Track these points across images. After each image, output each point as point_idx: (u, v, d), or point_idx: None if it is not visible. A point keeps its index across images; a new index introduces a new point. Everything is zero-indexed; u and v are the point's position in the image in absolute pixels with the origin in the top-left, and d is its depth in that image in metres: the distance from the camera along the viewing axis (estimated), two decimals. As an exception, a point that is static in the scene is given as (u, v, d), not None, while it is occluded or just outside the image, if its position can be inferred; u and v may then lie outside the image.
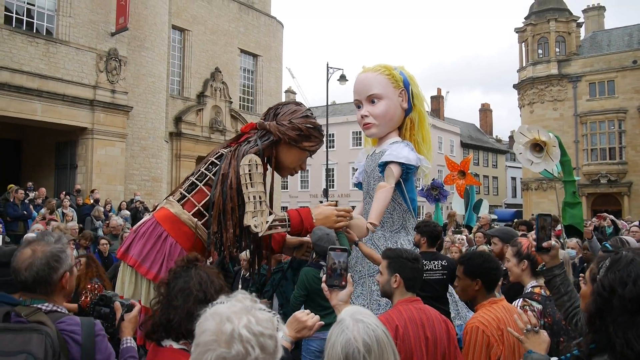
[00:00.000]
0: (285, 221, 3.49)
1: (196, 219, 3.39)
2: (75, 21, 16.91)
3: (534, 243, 2.82)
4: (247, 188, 3.36)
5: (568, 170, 7.68)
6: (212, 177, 3.47)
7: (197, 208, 3.42)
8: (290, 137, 3.61)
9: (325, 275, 2.20)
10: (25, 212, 11.95)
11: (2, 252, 3.17)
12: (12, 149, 19.74)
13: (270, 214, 3.48)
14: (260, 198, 3.39)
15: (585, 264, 6.59)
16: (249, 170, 3.38)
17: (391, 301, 2.95)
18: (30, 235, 7.09)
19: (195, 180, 3.53)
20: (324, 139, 3.83)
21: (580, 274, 5.04)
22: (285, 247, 3.90)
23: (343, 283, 2.15)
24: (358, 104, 4.79)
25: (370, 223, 4.16)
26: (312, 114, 3.81)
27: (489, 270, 3.03)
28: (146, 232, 3.34)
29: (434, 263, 4.55)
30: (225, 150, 3.57)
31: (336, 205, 3.82)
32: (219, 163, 3.50)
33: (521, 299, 3.27)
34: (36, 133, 18.11)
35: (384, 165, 4.43)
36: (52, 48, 16.37)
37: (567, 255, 4.53)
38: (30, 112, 15.79)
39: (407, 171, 4.42)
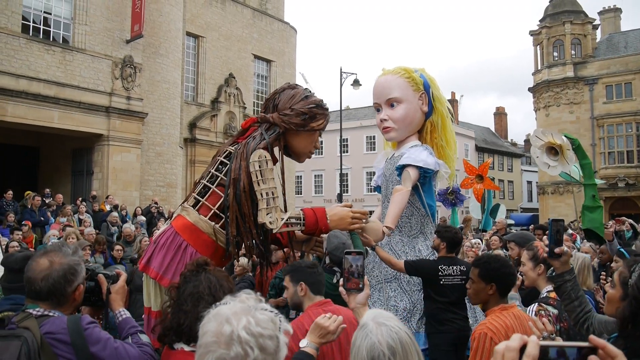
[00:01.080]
0: (300, 219, 3.42)
1: (213, 223, 3.36)
2: (91, 29, 17.12)
3: (546, 248, 2.80)
4: (258, 185, 3.30)
5: (588, 173, 7.59)
6: (224, 177, 3.41)
7: (212, 211, 3.39)
8: (297, 124, 3.53)
9: (342, 278, 2.19)
10: (42, 219, 12.09)
11: (14, 259, 3.20)
12: (30, 155, 20.02)
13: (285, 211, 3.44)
14: (272, 194, 3.34)
15: (604, 268, 6.47)
16: (259, 167, 3.32)
17: (302, 310, 3.06)
18: (52, 241, 7.19)
19: (207, 183, 3.48)
20: (328, 112, 3.70)
21: (602, 278, 4.96)
22: (294, 241, 3.81)
23: (360, 286, 2.14)
24: (377, 107, 4.75)
25: (386, 227, 4.13)
26: (310, 91, 3.72)
27: (506, 276, 2.98)
28: (166, 243, 3.30)
29: (452, 268, 4.49)
30: (233, 148, 3.51)
31: (351, 207, 3.78)
32: (228, 162, 3.44)
33: (536, 304, 3.22)
34: (53, 140, 18.34)
35: (401, 169, 4.39)
36: (69, 56, 16.58)
37: (587, 258, 4.44)
38: (48, 119, 15.99)
39: (425, 175, 4.36)
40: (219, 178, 3.44)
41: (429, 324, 4.34)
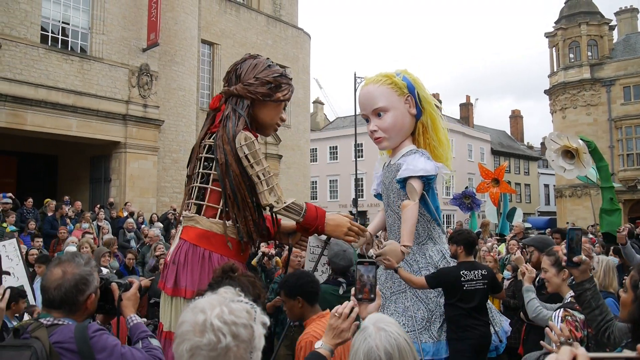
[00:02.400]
0: (302, 210, 3.33)
1: (222, 221, 3.27)
2: (108, 38, 17.36)
3: (564, 257, 2.78)
4: (252, 168, 3.21)
5: (605, 176, 7.51)
6: (214, 172, 3.31)
7: (220, 209, 3.29)
8: (263, 93, 3.40)
9: (354, 288, 2.19)
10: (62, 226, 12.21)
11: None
12: (49, 164, 20.30)
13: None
14: (269, 174, 3.26)
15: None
16: (249, 150, 3.21)
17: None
18: (72, 248, 7.33)
19: (202, 185, 3.38)
20: (291, 81, 3.61)
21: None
22: (281, 232, 3.69)
23: (372, 296, 2.14)
24: (366, 118, 4.69)
25: (404, 246, 4.11)
26: (272, 61, 3.62)
27: (305, 285, 3.14)
28: (187, 259, 3.19)
29: (474, 273, 4.46)
30: (211, 141, 3.38)
31: (354, 219, 3.67)
32: (212, 156, 3.33)
33: (562, 309, 3.17)
34: (72, 148, 18.58)
35: (403, 181, 4.33)
36: (86, 65, 16.82)
37: (611, 260, 4.37)
38: (66, 127, 16.23)
39: (428, 182, 4.32)
40: (210, 175, 3.33)
41: (450, 330, 4.29)
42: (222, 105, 3.50)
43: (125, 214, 14.57)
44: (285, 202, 3.26)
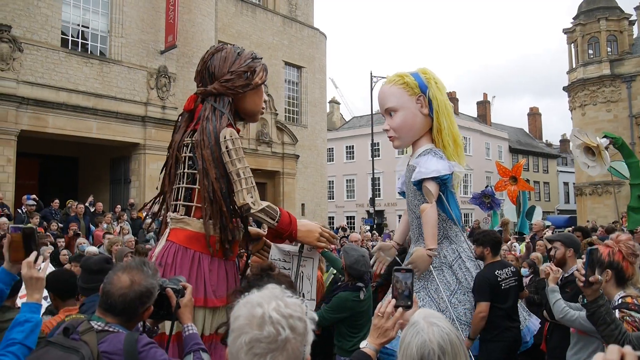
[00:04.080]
0: (277, 214, 3.22)
1: (211, 221, 3.15)
2: (126, 41, 17.59)
3: (582, 278, 2.81)
4: (233, 165, 3.11)
5: (635, 172, 7.42)
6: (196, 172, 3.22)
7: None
8: (242, 85, 3.32)
9: (391, 295, 2.20)
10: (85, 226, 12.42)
11: (93, 261, 3.38)
12: (69, 165, 20.61)
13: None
14: (249, 173, 3.15)
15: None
16: (232, 145, 3.11)
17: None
18: (92, 248, 7.41)
19: (188, 185, 3.27)
20: (262, 59, 3.48)
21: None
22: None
23: (409, 303, 2.15)
24: (384, 116, 4.79)
25: (429, 249, 4.16)
26: (239, 47, 3.50)
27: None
28: (175, 261, 3.07)
29: (505, 271, 4.50)
30: (191, 140, 3.28)
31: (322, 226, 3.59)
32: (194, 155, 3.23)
33: (617, 310, 3.01)
34: (92, 150, 18.85)
35: (419, 184, 4.38)
36: (106, 68, 17.06)
37: None
38: (86, 130, 16.47)
39: (443, 182, 4.34)
40: (196, 174, 3.23)
41: (485, 331, 4.33)
42: (199, 105, 3.42)
43: (145, 214, 14.73)
44: (261, 205, 3.16)
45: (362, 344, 2.07)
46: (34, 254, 2.33)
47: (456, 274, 4.36)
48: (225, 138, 3.12)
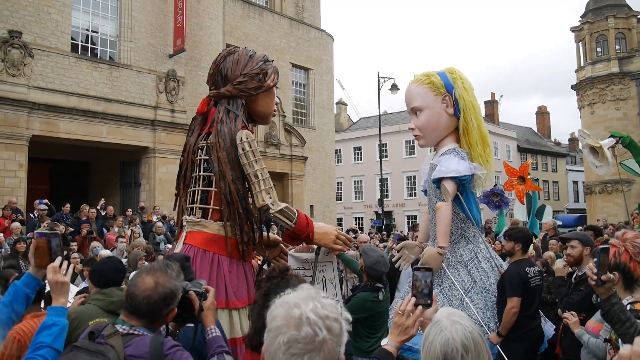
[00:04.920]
0: (294, 215, 3.24)
1: (229, 223, 3.19)
2: (135, 45, 17.71)
3: (594, 277, 2.78)
4: (251, 167, 3.13)
5: (646, 170, 7.40)
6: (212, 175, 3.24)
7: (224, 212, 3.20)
8: (255, 87, 3.35)
9: (411, 294, 2.23)
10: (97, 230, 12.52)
11: (114, 264, 3.30)
12: (80, 170, 20.75)
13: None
14: (266, 174, 3.19)
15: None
16: (249, 147, 3.14)
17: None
18: (105, 252, 7.48)
19: (204, 188, 3.29)
20: (273, 61, 3.53)
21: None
22: (262, 244, 3.56)
23: (429, 301, 2.17)
24: (410, 115, 4.83)
25: (440, 247, 4.16)
26: (251, 50, 3.54)
27: None
28: (194, 264, 3.05)
29: (532, 269, 4.52)
30: (205, 143, 3.30)
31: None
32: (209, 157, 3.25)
33: None
34: (102, 154, 18.97)
35: (438, 182, 4.39)
36: (115, 72, 17.18)
37: None
38: (97, 134, 16.59)
39: (462, 183, 4.33)
40: (212, 177, 3.24)
41: (510, 329, 4.33)
42: (212, 108, 3.45)
43: (155, 217, 14.83)
44: (280, 206, 3.19)
45: (383, 342, 2.10)
46: (59, 258, 2.36)
47: (471, 274, 4.35)
48: (242, 140, 3.14)
